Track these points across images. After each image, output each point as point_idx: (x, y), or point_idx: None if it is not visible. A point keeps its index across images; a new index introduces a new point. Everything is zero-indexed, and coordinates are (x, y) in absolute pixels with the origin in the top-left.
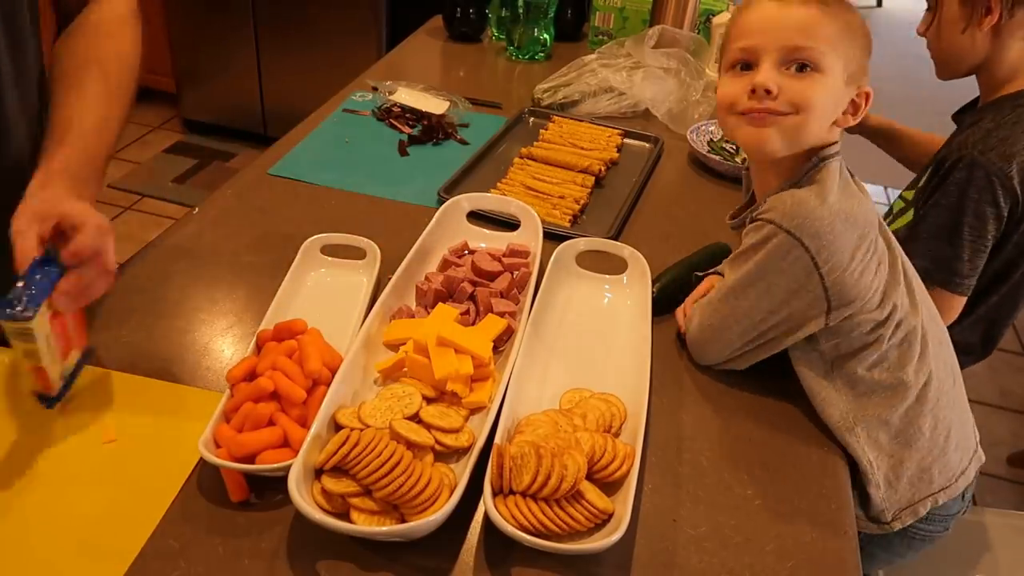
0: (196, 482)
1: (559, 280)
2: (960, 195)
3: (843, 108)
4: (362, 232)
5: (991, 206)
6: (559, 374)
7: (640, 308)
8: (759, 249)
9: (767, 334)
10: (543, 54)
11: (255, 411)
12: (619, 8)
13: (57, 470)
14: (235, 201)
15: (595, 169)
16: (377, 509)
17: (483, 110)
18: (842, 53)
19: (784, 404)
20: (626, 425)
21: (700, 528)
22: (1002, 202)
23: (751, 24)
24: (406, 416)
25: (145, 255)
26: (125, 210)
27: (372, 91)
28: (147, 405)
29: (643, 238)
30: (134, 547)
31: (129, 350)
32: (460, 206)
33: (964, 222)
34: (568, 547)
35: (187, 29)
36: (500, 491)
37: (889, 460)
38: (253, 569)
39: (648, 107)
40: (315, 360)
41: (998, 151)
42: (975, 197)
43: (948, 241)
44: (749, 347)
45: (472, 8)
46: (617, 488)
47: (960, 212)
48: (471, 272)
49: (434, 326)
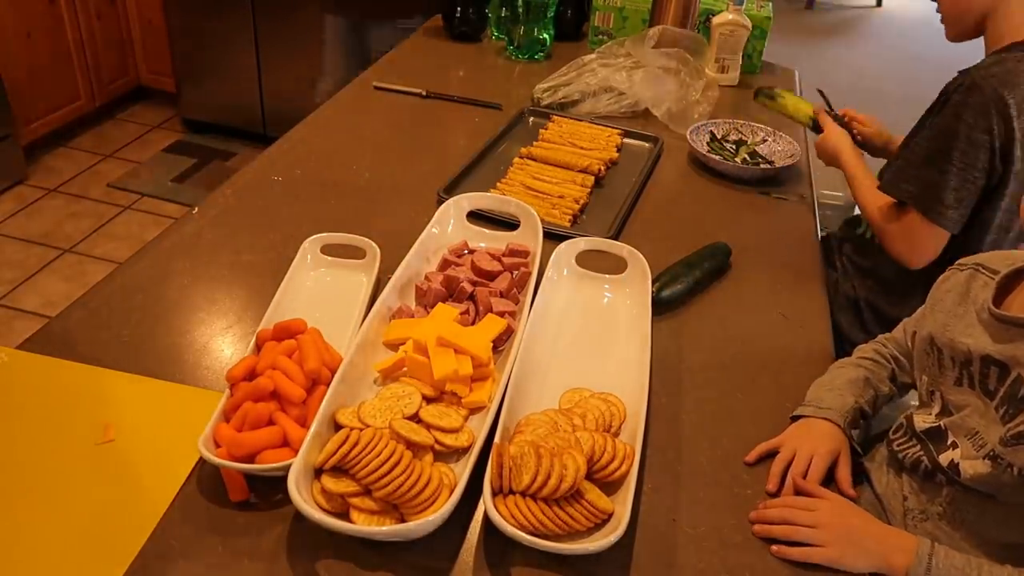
0: (196, 482)
1: (559, 280)
2: (955, 117)
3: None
4: (362, 232)
5: (984, 133)
6: (559, 374)
7: (640, 308)
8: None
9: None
10: (543, 54)
11: (255, 411)
12: (619, 8)
13: (57, 470)
14: (235, 201)
15: (595, 169)
16: (377, 509)
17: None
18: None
19: (784, 404)
20: (626, 425)
21: (700, 528)
22: (995, 128)
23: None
24: (406, 416)
25: (145, 255)
26: (125, 209)
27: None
28: (147, 405)
29: (643, 238)
30: (134, 547)
31: (129, 350)
32: (460, 206)
33: (956, 146)
34: (568, 547)
35: (187, 29)
36: (500, 491)
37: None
38: (253, 569)
39: (648, 107)
40: (314, 360)
41: (999, 78)
42: (970, 121)
43: (937, 166)
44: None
45: (472, 8)
46: (617, 488)
47: (953, 135)
48: (471, 272)
49: (434, 326)
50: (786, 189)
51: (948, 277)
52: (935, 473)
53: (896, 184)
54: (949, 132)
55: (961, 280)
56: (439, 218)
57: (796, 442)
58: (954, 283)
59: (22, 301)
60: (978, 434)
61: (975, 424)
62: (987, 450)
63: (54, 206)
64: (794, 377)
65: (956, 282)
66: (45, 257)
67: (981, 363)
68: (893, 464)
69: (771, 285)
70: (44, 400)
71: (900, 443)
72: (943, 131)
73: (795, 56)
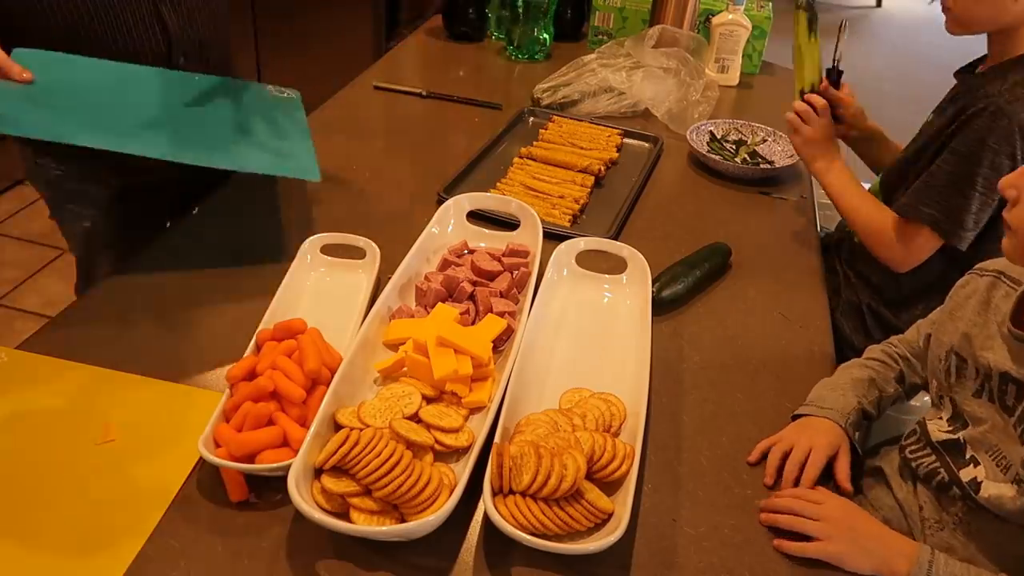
0: (196, 482)
1: (559, 280)
2: (979, 143)
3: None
4: (362, 232)
5: (1008, 158)
6: (559, 374)
7: (640, 308)
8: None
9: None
10: (543, 54)
11: (255, 410)
12: (619, 8)
13: (57, 469)
14: (235, 200)
15: (595, 169)
16: (377, 509)
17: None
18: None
19: (784, 405)
20: (626, 425)
21: (700, 528)
22: (1019, 154)
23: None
24: (406, 416)
25: (145, 255)
26: None
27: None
28: (147, 405)
29: (643, 238)
30: (134, 547)
31: (129, 350)
32: (460, 206)
33: (979, 172)
34: (568, 547)
35: None
36: (500, 491)
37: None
38: (253, 569)
39: (648, 107)
40: (314, 360)
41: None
42: (994, 147)
43: (960, 191)
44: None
45: (472, 8)
46: (617, 488)
47: (977, 162)
48: (471, 272)
49: (434, 326)
50: (786, 189)
51: (967, 282)
52: (951, 486)
53: (916, 207)
54: (973, 157)
55: (982, 287)
56: (439, 218)
57: (795, 436)
58: (973, 289)
59: (22, 301)
60: (1000, 453)
61: (996, 440)
62: (1012, 472)
63: None
64: (794, 377)
65: (976, 288)
66: (45, 257)
67: (1000, 379)
68: (907, 472)
69: (771, 285)
70: (44, 400)
71: (914, 451)
72: (967, 156)
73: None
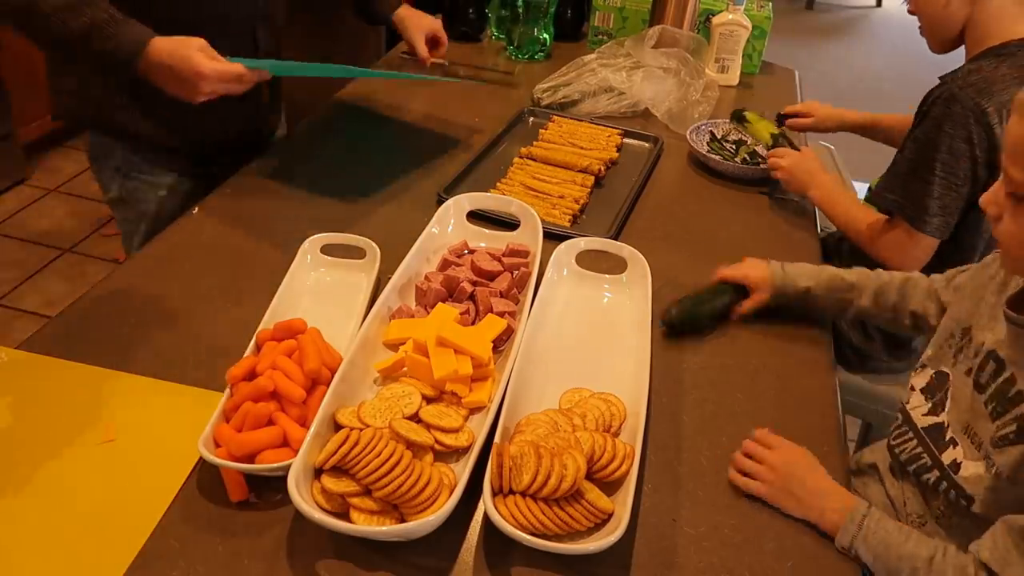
0: (196, 482)
1: (559, 280)
2: (936, 129)
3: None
4: (362, 232)
5: (964, 142)
6: (559, 374)
7: (640, 308)
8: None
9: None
10: (543, 54)
11: (255, 410)
12: (619, 8)
13: (57, 470)
14: (235, 200)
15: (595, 169)
16: (377, 509)
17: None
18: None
19: (783, 405)
20: (626, 425)
21: (700, 528)
22: (975, 138)
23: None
24: (406, 416)
25: (145, 255)
26: None
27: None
28: (147, 405)
29: (643, 238)
30: (134, 547)
31: (129, 350)
32: (460, 206)
33: (937, 157)
34: (568, 547)
35: None
36: (500, 491)
37: None
38: (253, 569)
39: (648, 107)
40: (314, 360)
41: (976, 87)
42: (950, 132)
43: (920, 176)
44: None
45: (472, 8)
46: (617, 488)
47: (934, 147)
48: (471, 272)
49: (434, 326)
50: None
51: (991, 263)
52: (932, 469)
53: (882, 195)
54: (930, 143)
55: (1004, 271)
56: (439, 218)
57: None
58: (997, 270)
59: (22, 301)
60: (973, 431)
61: (968, 418)
62: (984, 451)
63: (54, 206)
64: (794, 377)
65: (998, 268)
66: (45, 257)
67: (985, 357)
68: (896, 469)
69: None
70: (44, 400)
71: (897, 438)
72: (925, 142)
73: (795, 56)
